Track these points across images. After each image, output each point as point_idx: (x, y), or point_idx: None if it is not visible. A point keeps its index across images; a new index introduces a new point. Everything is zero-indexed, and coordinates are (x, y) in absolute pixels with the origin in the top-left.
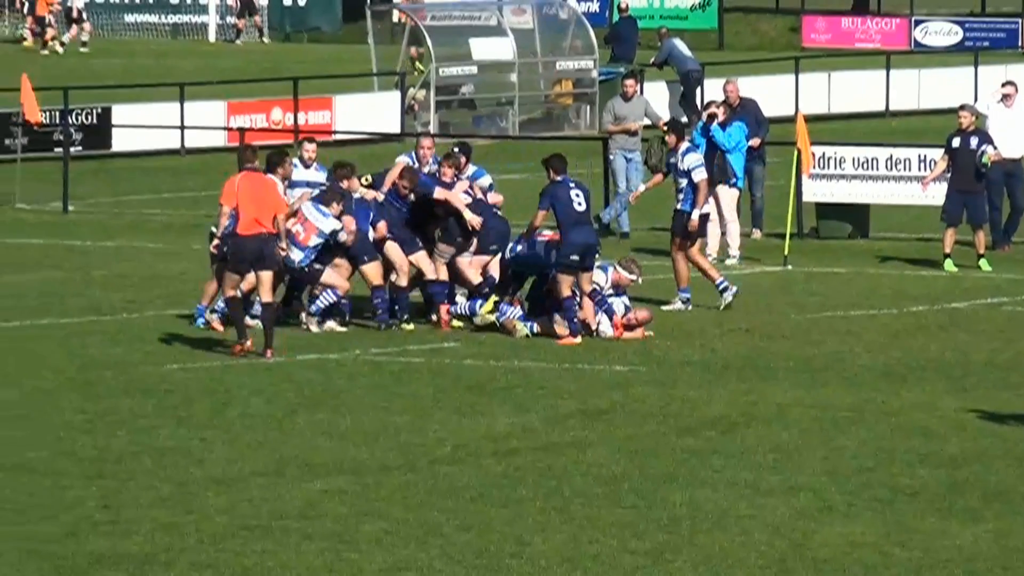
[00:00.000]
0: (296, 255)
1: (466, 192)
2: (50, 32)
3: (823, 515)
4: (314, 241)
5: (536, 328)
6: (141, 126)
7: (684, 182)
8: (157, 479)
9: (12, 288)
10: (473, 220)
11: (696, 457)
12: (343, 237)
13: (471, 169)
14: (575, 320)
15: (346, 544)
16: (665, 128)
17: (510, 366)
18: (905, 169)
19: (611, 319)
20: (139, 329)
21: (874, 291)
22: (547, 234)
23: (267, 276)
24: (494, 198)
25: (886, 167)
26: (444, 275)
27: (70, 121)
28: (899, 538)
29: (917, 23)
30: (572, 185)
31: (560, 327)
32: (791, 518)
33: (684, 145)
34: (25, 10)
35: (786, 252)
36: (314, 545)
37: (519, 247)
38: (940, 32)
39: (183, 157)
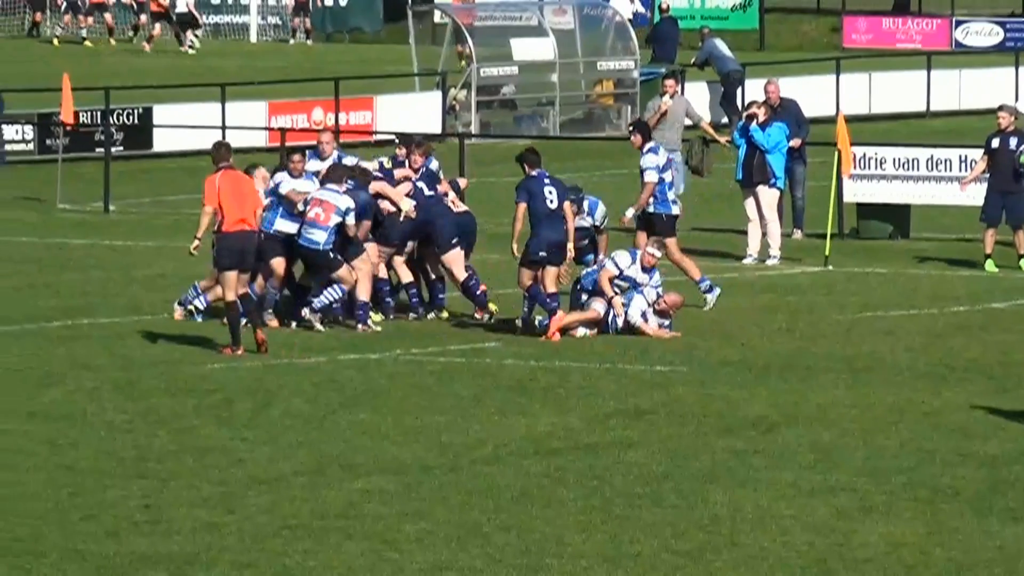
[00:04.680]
0: (320, 235)
1: (416, 188)
2: (156, 30)
3: (864, 515)
4: (334, 220)
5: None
6: (182, 126)
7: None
8: (198, 479)
9: (54, 288)
10: (410, 212)
11: (737, 457)
12: (351, 222)
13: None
14: (547, 301)
15: (387, 544)
16: (630, 129)
17: (551, 366)
18: (946, 170)
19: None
20: (180, 329)
21: (915, 291)
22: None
23: (243, 276)
24: (460, 183)
25: (927, 168)
26: (382, 274)
27: (111, 121)
28: (940, 538)
29: (958, 23)
30: (547, 181)
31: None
32: (831, 518)
33: (648, 145)
34: (63, 9)
35: (827, 252)
36: (355, 545)
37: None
38: (981, 32)
39: None
